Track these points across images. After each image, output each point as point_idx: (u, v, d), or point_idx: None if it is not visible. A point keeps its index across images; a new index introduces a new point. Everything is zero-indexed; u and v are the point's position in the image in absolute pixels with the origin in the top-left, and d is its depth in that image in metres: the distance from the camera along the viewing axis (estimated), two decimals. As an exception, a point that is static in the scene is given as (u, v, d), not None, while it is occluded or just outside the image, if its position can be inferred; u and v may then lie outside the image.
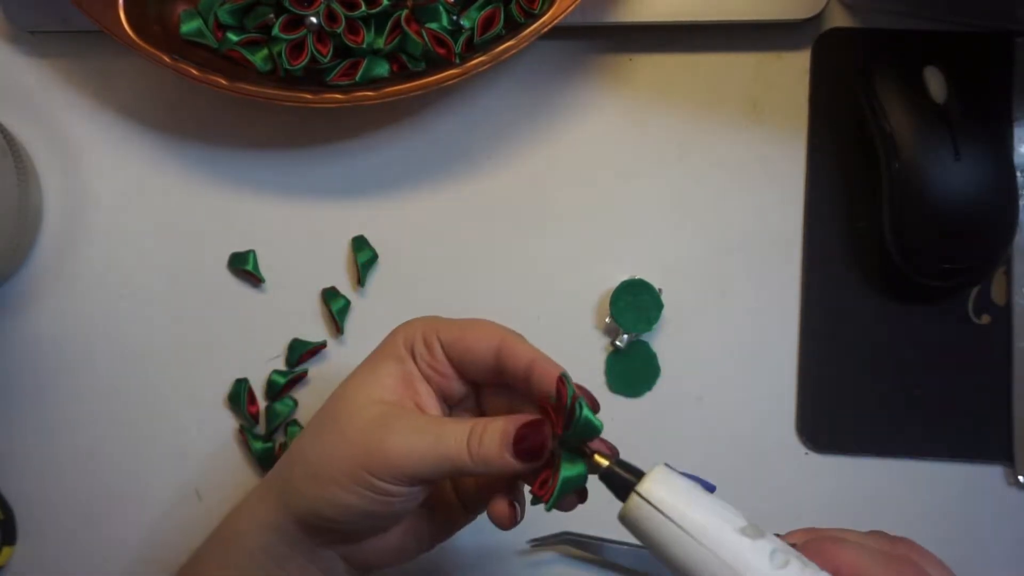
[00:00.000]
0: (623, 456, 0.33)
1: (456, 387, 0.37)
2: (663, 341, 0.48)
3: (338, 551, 0.37)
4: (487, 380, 0.37)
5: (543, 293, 0.49)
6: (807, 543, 0.30)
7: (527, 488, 0.34)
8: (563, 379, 0.32)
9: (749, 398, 0.48)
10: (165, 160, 0.50)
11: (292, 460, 0.36)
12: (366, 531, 0.36)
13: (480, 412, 0.38)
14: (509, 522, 0.34)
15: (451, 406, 0.38)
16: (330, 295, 0.49)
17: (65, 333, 0.49)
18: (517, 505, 0.35)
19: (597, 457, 0.32)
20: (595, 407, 0.33)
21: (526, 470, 0.33)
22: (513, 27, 0.45)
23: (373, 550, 0.37)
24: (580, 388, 0.33)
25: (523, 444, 0.32)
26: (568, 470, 0.32)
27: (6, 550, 0.48)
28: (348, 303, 0.49)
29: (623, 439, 0.48)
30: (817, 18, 0.47)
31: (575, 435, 0.32)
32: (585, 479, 0.32)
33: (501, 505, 0.34)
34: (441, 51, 0.44)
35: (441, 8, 0.44)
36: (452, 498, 0.38)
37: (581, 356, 0.48)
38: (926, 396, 0.47)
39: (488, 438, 0.33)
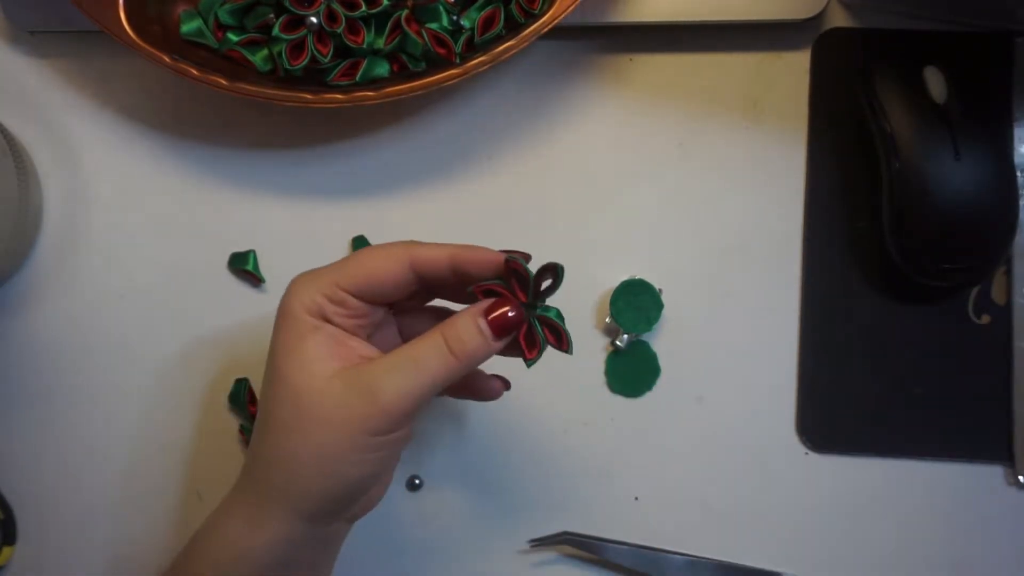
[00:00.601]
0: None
1: (376, 317, 0.37)
2: (663, 341, 0.48)
3: (343, 518, 0.37)
4: (404, 296, 0.37)
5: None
6: None
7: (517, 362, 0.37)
8: (514, 262, 0.35)
9: (749, 398, 0.48)
10: (165, 160, 0.50)
11: (277, 469, 0.35)
12: (374, 485, 0.37)
13: (399, 323, 0.40)
14: (503, 390, 0.40)
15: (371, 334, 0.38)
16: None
17: (65, 333, 0.49)
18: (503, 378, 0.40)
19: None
20: (528, 259, 0.36)
21: (503, 347, 0.35)
22: (513, 27, 0.45)
23: (368, 497, 0.38)
24: (519, 254, 0.36)
25: (500, 323, 0.34)
26: (556, 318, 0.35)
27: (6, 550, 0.48)
28: (348, 303, 0.49)
29: (623, 439, 0.48)
30: (817, 18, 0.47)
31: (552, 291, 0.35)
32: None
33: (496, 382, 0.40)
34: (441, 51, 0.44)
35: (441, 8, 0.44)
36: None
37: (581, 356, 0.48)
38: (926, 396, 0.47)
39: (466, 334, 0.34)
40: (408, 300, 0.38)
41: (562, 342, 0.35)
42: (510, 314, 0.35)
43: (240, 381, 0.49)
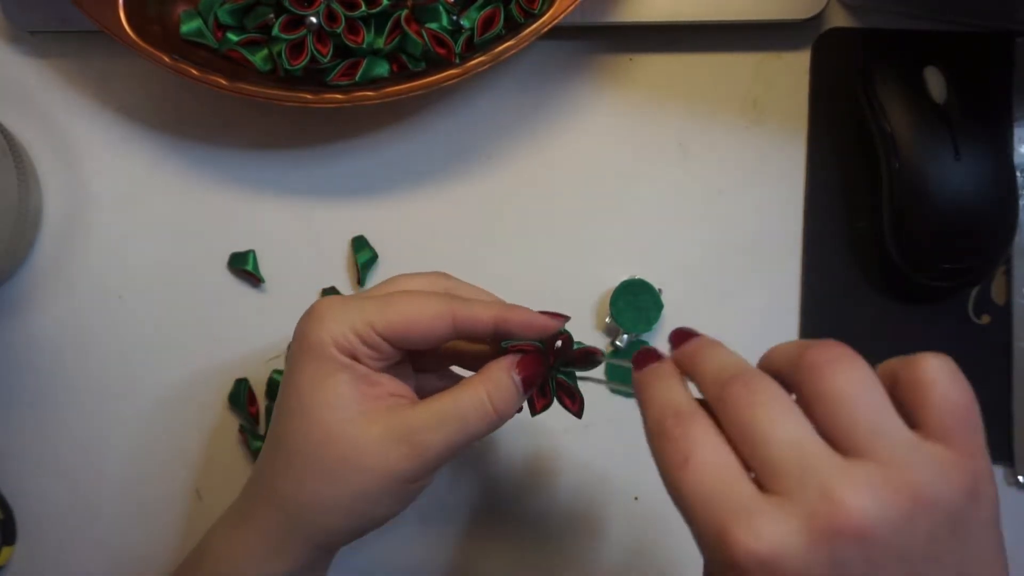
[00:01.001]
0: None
1: (396, 358, 0.36)
2: (663, 341, 0.48)
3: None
4: (434, 347, 0.37)
5: (543, 293, 0.49)
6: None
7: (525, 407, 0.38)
8: (566, 336, 0.36)
9: (749, 398, 0.48)
10: (165, 160, 0.50)
11: (308, 511, 0.35)
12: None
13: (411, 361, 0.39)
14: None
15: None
16: (330, 295, 0.49)
17: (64, 333, 0.49)
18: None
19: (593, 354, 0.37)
20: (566, 320, 0.37)
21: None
22: (513, 27, 0.45)
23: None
24: (560, 318, 0.36)
25: (529, 380, 0.35)
26: (570, 379, 0.37)
27: (6, 550, 0.48)
28: (348, 303, 0.49)
29: (624, 438, 0.48)
30: (817, 18, 0.47)
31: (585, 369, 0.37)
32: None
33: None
34: (441, 51, 0.44)
35: (441, 8, 0.44)
36: None
37: (581, 356, 0.48)
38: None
39: (506, 391, 0.35)
40: None
41: (575, 404, 0.37)
42: (537, 371, 0.35)
43: (240, 381, 0.49)
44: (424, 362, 0.39)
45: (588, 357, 0.36)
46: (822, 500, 0.25)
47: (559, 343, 0.36)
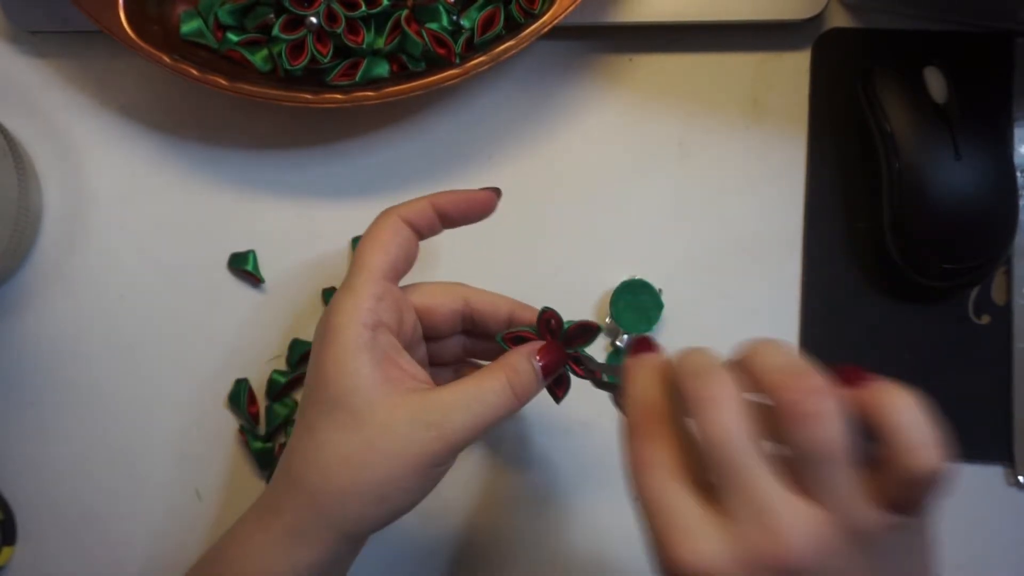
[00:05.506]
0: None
1: (410, 321, 0.39)
2: (663, 341, 0.48)
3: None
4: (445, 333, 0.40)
5: (543, 293, 0.48)
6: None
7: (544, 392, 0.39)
8: (553, 315, 0.38)
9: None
10: (165, 160, 0.50)
11: (336, 499, 0.35)
12: None
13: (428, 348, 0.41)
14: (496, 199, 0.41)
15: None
16: (330, 295, 0.49)
17: (65, 333, 0.49)
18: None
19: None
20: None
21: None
22: (513, 27, 0.45)
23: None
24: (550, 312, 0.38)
25: (550, 365, 0.37)
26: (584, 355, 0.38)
27: (6, 550, 0.48)
28: (348, 303, 0.49)
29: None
30: (817, 18, 0.47)
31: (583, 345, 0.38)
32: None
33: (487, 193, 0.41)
34: (441, 51, 0.44)
35: (441, 8, 0.44)
36: None
37: (581, 356, 0.48)
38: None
39: (526, 377, 0.36)
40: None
41: (595, 373, 0.38)
42: (557, 357, 0.37)
43: (240, 381, 0.49)
44: (441, 352, 0.41)
45: (586, 331, 0.37)
46: (762, 530, 0.27)
47: (551, 322, 0.37)
